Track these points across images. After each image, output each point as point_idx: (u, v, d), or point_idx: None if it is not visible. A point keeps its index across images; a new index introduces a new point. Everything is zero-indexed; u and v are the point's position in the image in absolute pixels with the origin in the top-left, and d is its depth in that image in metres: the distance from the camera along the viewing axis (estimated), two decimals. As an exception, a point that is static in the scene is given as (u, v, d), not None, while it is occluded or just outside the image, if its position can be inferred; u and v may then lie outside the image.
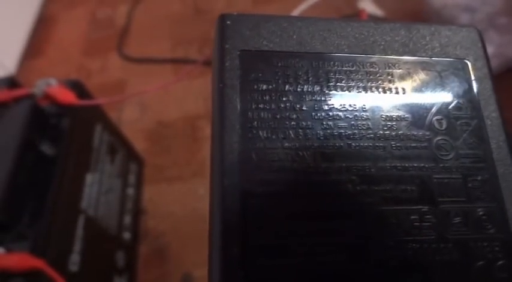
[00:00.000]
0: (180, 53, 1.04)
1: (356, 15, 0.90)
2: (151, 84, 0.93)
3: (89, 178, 0.60)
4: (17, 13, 1.15)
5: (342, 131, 0.16)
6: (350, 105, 0.17)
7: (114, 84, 1.02)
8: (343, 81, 0.17)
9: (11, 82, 0.58)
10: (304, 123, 0.16)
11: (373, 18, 0.91)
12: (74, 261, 0.52)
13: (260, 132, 0.16)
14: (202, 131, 0.88)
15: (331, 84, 0.17)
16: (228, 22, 0.17)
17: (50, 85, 0.56)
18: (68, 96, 0.56)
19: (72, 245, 0.53)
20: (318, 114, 0.16)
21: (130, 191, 0.74)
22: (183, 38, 1.07)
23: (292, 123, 0.16)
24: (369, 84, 0.17)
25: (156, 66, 1.03)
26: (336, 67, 0.18)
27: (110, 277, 0.62)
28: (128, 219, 0.71)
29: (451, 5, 0.82)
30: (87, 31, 1.20)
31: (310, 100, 0.17)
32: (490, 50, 0.77)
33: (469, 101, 0.18)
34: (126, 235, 0.70)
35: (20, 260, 0.43)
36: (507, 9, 0.77)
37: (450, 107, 0.18)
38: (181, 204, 0.79)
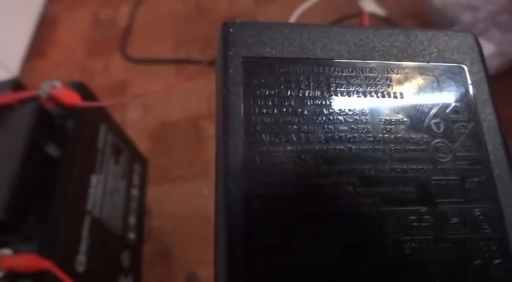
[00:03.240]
0: (182, 54, 1.04)
1: (357, 14, 0.91)
2: (154, 84, 0.93)
3: (94, 179, 0.60)
4: (19, 14, 1.16)
5: (343, 134, 0.17)
6: (350, 110, 0.17)
7: (117, 85, 1.03)
8: (343, 86, 0.18)
9: (16, 84, 0.58)
10: (305, 127, 0.17)
11: (374, 18, 0.91)
12: (81, 261, 0.53)
13: (263, 136, 0.16)
14: (205, 131, 0.88)
15: (332, 89, 0.18)
16: (231, 30, 0.18)
17: (55, 87, 0.56)
18: (72, 98, 0.56)
19: (78, 246, 0.53)
20: (319, 118, 0.17)
21: (135, 191, 0.75)
22: (185, 38, 1.08)
23: (294, 127, 0.17)
24: (368, 89, 0.18)
25: (158, 67, 1.03)
26: (336, 72, 0.18)
27: (115, 277, 0.63)
28: (132, 220, 0.71)
29: (452, 3, 0.82)
30: (89, 32, 1.20)
31: (312, 105, 0.17)
32: (492, 48, 0.77)
33: (466, 104, 0.18)
34: (131, 235, 0.70)
35: (27, 261, 0.44)
36: (509, 8, 0.77)
37: (447, 110, 0.18)
38: (185, 204, 0.79)
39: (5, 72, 1.01)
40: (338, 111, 0.17)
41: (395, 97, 0.18)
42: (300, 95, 0.17)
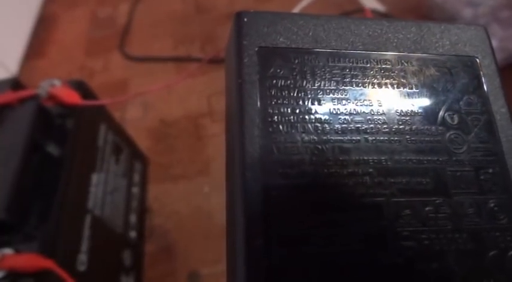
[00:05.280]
0: (182, 52, 1.04)
1: (358, 11, 0.91)
2: (154, 83, 0.93)
3: (95, 178, 0.60)
4: (17, 13, 1.15)
5: (359, 125, 0.17)
6: (366, 101, 0.17)
7: (117, 84, 1.02)
8: (358, 78, 0.18)
9: (15, 83, 0.58)
10: (322, 117, 0.17)
11: (375, 14, 0.91)
12: (82, 260, 0.52)
13: (280, 127, 0.16)
14: (205, 129, 0.88)
15: (347, 80, 0.18)
16: (245, 19, 0.18)
17: (54, 86, 0.56)
18: (72, 97, 0.56)
19: (79, 245, 0.53)
20: (335, 109, 0.17)
21: (136, 190, 0.74)
22: (184, 36, 1.07)
23: (311, 117, 0.17)
24: (383, 80, 0.18)
25: (158, 65, 1.03)
26: (351, 64, 0.18)
27: (117, 276, 0.63)
28: (133, 218, 0.71)
29: (453, -1, 0.82)
30: (88, 30, 1.20)
31: (327, 95, 0.17)
32: (493, 44, 0.77)
33: (478, 96, 0.19)
34: (132, 234, 0.70)
35: (29, 260, 0.43)
36: (510, 3, 0.77)
37: (461, 102, 0.18)
38: (186, 202, 0.79)
39: (4, 72, 1.01)
40: (354, 102, 0.17)
41: (410, 88, 0.18)
42: (316, 85, 0.17)
